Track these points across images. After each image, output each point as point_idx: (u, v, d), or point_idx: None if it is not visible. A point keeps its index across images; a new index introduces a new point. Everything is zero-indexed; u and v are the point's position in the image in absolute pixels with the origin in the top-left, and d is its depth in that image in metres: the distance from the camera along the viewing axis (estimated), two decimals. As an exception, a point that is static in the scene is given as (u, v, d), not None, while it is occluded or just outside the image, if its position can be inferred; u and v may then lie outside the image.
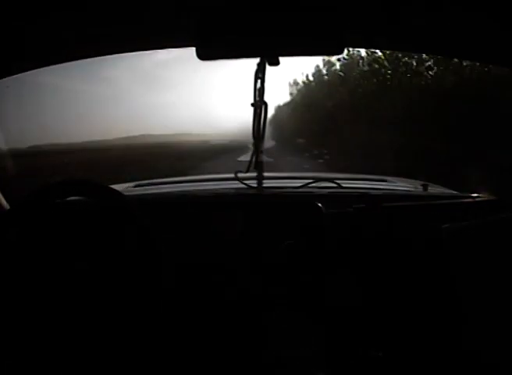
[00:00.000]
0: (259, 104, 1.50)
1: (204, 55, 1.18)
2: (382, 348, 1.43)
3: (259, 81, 1.45)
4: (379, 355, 1.42)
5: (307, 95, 11.35)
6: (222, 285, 1.46)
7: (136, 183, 2.06)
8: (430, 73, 5.84)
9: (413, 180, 2.10)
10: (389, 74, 6.59)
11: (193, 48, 1.18)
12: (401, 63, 6.37)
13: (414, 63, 6.24)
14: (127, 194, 1.45)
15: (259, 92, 1.47)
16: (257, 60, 1.39)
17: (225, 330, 1.45)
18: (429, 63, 5.65)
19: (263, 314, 1.45)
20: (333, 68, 9.78)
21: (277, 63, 1.30)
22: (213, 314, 1.46)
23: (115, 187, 1.45)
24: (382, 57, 6.70)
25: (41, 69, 1.42)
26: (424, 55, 5.94)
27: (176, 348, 1.44)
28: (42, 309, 1.31)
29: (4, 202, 1.54)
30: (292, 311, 1.45)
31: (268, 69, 1.39)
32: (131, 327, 1.40)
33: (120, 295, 1.31)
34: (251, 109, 1.52)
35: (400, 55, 6.35)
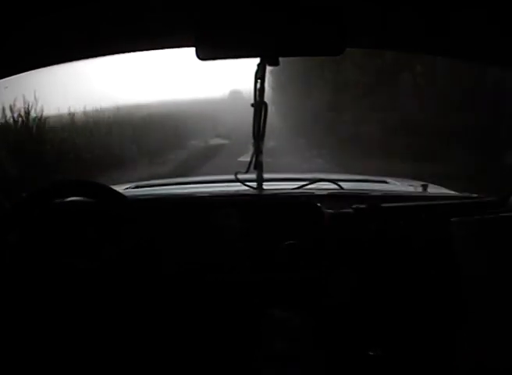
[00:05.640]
0: (259, 104, 1.50)
1: (204, 55, 1.18)
2: (382, 347, 1.43)
3: (259, 82, 1.45)
4: (379, 354, 1.42)
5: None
6: (221, 287, 1.46)
7: (136, 183, 2.06)
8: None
9: (413, 181, 2.10)
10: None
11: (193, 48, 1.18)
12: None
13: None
14: (127, 195, 1.45)
15: (259, 93, 1.47)
16: (257, 60, 1.39)
17: (224, 330, 1.45)
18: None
19: (263, 313, 1.45)
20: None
21: (277, 64, 1.30)
22: (212, 314, 1.46)
23: (115, 187, 1.46)
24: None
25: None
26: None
27: (174, 347, 1.44)
28: (42, 308, 1.31)
29: (4, 202, 1.54)
30: (292, 310, 1.46)
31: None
32: (130, 326, 1.40)
33: (119, 294, 1.31)
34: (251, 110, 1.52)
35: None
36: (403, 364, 1.43)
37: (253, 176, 1.67)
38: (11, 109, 5.63)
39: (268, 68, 1.39)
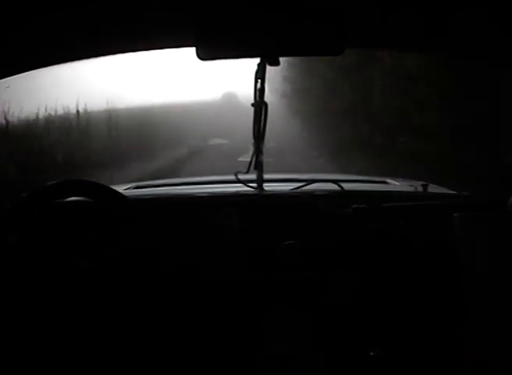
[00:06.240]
0: (259, 104, 1.50)
1: (204, 55, 1.18)
2: (382, 347, 1.43)
3: (259, 81, 1.45)
4: (379, 354, 1.42)
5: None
6: (221, 287, 1.46)
7: (136, 184, 2.06)
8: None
9: (413, 181, 2.10)
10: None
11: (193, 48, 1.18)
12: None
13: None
14: (127, 195, 1.45)
15: (259, 92, 1.47)
16: (257, 60, 1.39)
17: (224, 330, 1.45)
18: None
19: (263, 313, 1.45)
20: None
21: (277, 63, 1.30)
22: (212, 314, 1.46)
23: (115, 187, 1.46)
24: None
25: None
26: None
27: (174, 347, 1.44)
28: (42, 308, 1.31)
29: (4, 202, 1.54)
30: (292, 310, 1.46)
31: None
32: (130, 326, 1.40)
33: (119, 294, 1.31)
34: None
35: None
36: (403, 364, 1.43)
37: (253, 176, 1.67)
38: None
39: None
